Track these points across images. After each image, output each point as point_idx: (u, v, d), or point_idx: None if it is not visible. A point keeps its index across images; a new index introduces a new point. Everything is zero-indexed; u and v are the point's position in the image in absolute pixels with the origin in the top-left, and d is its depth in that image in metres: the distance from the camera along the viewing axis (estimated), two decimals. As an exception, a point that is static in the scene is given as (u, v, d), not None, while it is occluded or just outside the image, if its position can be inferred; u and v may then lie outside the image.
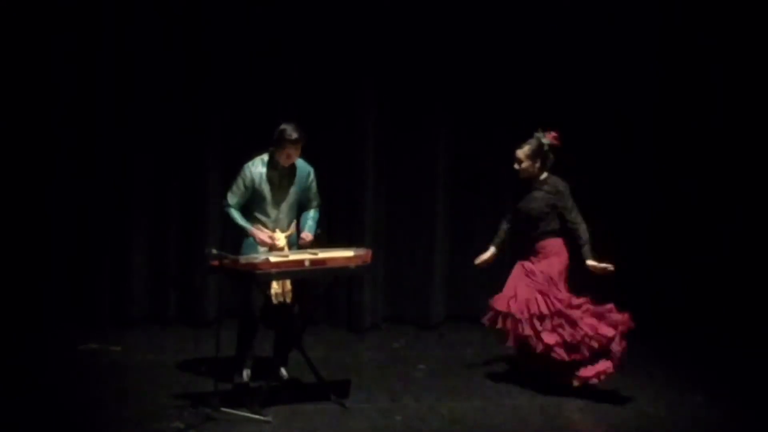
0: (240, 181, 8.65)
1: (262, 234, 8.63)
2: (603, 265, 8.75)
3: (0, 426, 7.98)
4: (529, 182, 8.94)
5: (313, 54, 10.51)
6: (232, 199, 8.65)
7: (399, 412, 8.43)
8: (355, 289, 10.62)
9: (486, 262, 9.12)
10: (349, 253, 8.54)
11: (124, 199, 10.52)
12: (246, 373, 8.84)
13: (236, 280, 8.57)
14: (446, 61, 10.62)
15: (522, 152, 8.89)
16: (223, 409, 8.12)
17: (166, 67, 10.42)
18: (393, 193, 10.76)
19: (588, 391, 8.78)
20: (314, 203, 8.88)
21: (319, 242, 8.85)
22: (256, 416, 8.11)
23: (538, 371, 8.87)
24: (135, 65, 10.39)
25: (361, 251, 8.59)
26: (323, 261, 8.40)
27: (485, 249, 9.15)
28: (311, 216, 8.86)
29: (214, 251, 8.25)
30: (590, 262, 8.74)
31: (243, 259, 8.29)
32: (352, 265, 8.49)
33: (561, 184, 8.92)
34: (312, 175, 8.83)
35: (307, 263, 8.33)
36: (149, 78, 10.41)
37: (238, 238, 8.76)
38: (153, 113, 10.46)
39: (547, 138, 8.89)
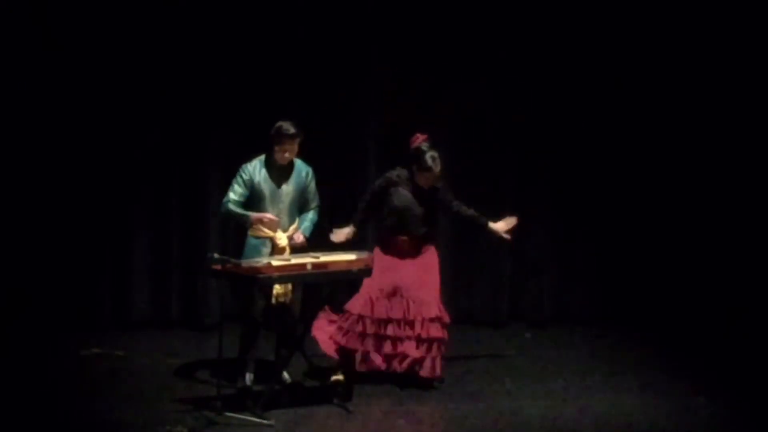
0: (239, 179, 8.67)
1: (264, 214, 8.62)
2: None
3: (3, 430, 7.99)
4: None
5: (314, 54, 10.51)
6: (231, 197, 8.67)
7: (402, 416, 8.43)
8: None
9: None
10: (351, 256, 8.53)
11: (125, 202, 10.52)
12: (248, 377, 8.84)
13: (238, 284, 8.57)
14: (446, 62, 10.63)
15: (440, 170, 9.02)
16: (226, 413, 8.13)
17: (166, 66, 10.42)
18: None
19: (587, 392, 8.85)
20: (313, 204, 8.88)
21: (321, 245, 8.85)
22: (259, 420, 8.11)
23: None
24: (135, 65, 10.38)
25: (363, 255, 8.59)
26: (325, 265, 8.40)
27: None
28: (309, 218, 8.86)
29: (216, 255, 8.27)
30: None
31: (245, 263, 8.29)
32: (354, 268, 8.49)
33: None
34: (311, 175, 8.84)
35: (308, 267, 8.33)
36: (149, 77, 10.41)
37: (240, 241, 8.78)
38: (153, 114, 10.46)
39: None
